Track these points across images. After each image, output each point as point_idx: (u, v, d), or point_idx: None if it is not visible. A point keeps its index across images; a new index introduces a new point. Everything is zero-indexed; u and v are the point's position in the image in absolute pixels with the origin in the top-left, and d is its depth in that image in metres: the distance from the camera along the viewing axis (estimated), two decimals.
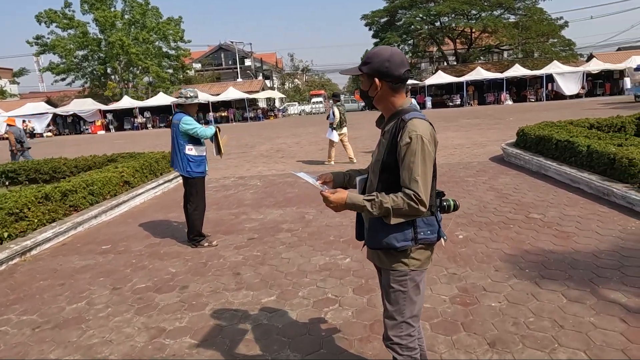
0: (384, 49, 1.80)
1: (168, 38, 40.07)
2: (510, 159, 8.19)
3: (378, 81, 1.79)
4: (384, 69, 1.77)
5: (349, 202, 1.74)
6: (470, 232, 4.49)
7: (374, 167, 1.86)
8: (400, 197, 1.68)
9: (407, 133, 1.70)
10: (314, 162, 10.50)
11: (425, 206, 1.67)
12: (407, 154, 1.68)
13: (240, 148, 15.08)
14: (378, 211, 1.70)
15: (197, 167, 4.65)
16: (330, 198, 1.75)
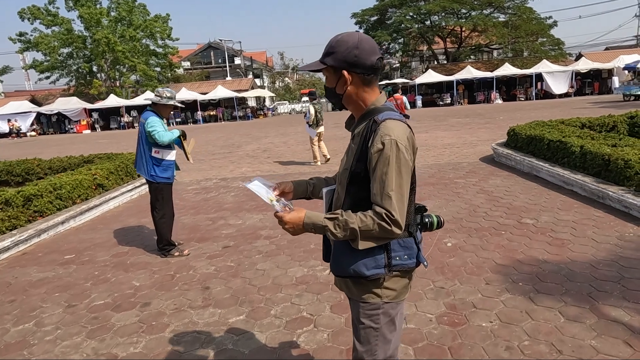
0: (349, 35, 1.49)
1: (155, 36, 39.39)
2: (501, 160, 7.95)
3: (347, 74, 1.47)
4: (353, 58, 1.46)
5: (308, 222, 1.42)
6: (459, 239, 4.21)
7: (341, 177, 1.55)
8: (369, 216, 1.37)
9: (379, 137, 1.39)
10: (300, 162, 10.17)
11: (400, 227, 1.37)
12: (378, 163, 1.38)
13: (227, 148, 14.70)
14: (343, 233, 1.39)
15: (163, 171, 4.25)
16: (285, 218, 1.44)
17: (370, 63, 1.49)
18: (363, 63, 1.47)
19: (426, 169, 8.01)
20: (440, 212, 5.18)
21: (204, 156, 12.84)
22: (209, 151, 14.06)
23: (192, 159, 4.72)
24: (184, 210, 6.27)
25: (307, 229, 1.43)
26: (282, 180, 1.74)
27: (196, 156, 12.86)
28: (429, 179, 7.13)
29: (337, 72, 1.49)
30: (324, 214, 1.43)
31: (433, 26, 39.03)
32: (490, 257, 3.70)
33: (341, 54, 1.46)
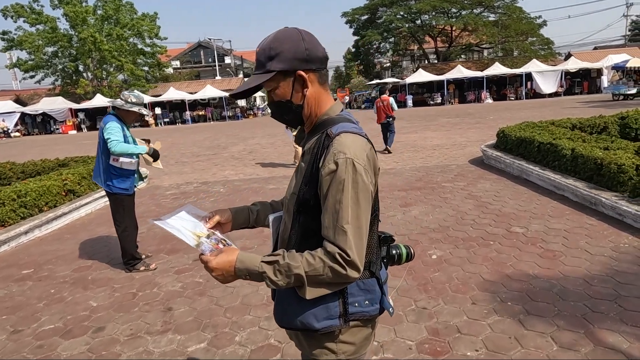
0: (285, 30, 1.20)
1: (143, 34, 38.75)
2: (490, 162, 7.73)
3: (304, 73, 1.18)
4: (304, 52, 1.17)
5: (240, 268, 1.13)
6: (445, 250, 3.95)
7: (289, 203, 1.25)
8: (319, 257, 1.08)
9: (331, 156, 1.10)
10: (285, 164, 9.87)
11: (357, 270, 1.08)
12: (331, 189, 1.09)
13: (212, 149, 14.34)
14: (285, 280, 1.10)
15: (121, 182, 3.86)
16: (211, 264, 1.15)
17: (322, 54, 1.22)
18: (316, 55, 1.20)
19: (414, 172, 7.76)
20: (426, 218, 4.92)
21: (188, 158, 12.48)
22: (194, 153, 13.70)
23: (161, 165, 4.37)
24: None
25: (239, 275, 1.14)
26: (219, 208, 1.44)
27: (180, 158, 12.51)
28: (416, 182, 6.88)
29: (289, 77, 1.19)
30: (261, 257, 1.13)
31: (423, 25, 38.91)
32: (477, 272, 3.44)
33: (289, 52, 1.17)
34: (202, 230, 1.28)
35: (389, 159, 9.51)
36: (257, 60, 1.21)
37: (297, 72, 1.18)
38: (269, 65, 1.18)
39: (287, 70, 1.18)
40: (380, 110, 10.48)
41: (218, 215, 1.38)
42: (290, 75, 1.19)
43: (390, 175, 7.65)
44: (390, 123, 10.58)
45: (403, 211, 5.30)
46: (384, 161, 9.21)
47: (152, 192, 7.81)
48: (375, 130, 16.77)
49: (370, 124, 20.05)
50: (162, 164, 4.46)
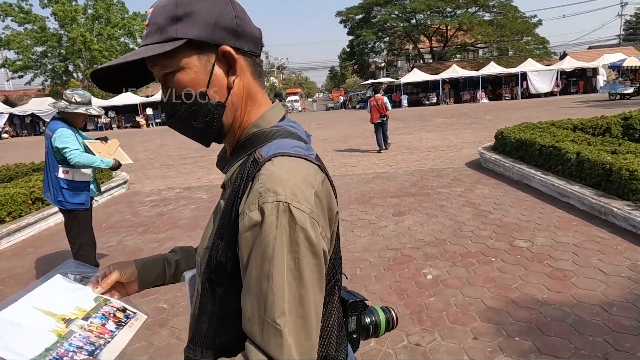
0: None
1: (134, 34, 38.15)
2: (489, 165, 7.33)
3: (233, 52, 0.74)
4: (234, 22, 0.74)
5: None
6: (441, 268, 3.53)
7: (201, 262, 0.81)
8: None
9: (255, 196, 0.66)
10: None
11: None
12: (253, 255, 0.65)
13: (201, 151, 13.86)
14: None
15: (74, 196, 3.37)
16: None
17: (258, 34, 0.80)
18: (250, 31, 0.78)
19: (408, 176, 7.34)
20: (421, 230, 4.50)
21: (174, 161, 12.01)
22: (181, 155, 13.22)
23: (128, 159, 3.90)
24: (131, 229, 5.48)
25: None
26: (119, 261, 1.00)
27: (166, 161, 12.03)
28: (410, 187, 6.46)
29: (205, 53, 0.74)
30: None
31: (418, 25, 38.60)
32: (479, 296, 3.02)
33: (209, 14, 0.72)
34: (88, 300, 0.85)
35: (382, 161, 9.10)
36: (152, 23, 0.74)
37: (222, 47, 0.73)
38: (171, 30, 0.71)
39: (204, 43, 0.72)
40: (374, 109, 10.34)
41: (116, 272, 0.93)
42: (209, 51, 0.73)
43: (383, 179, 7.23)
44: (384, 122, 10.48)
45: (396, 221, 4.87)
46: (376, 164, 8.80)
47: (130, 199, 7.34)
48: (369, 131, 16.39)
49: (365, 125, 19.65)
50: (130, 159, 4.00)
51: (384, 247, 4.08)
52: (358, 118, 24.82)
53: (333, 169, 8.62)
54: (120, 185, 7.97)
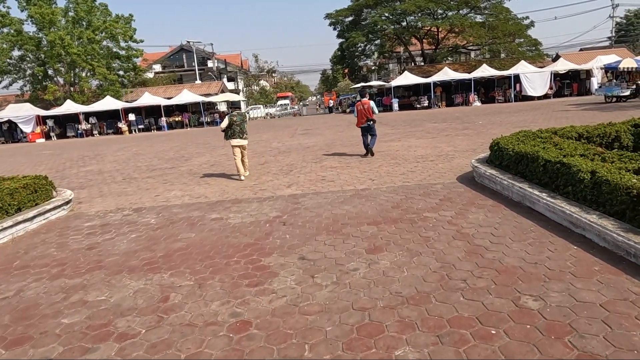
0: None
1: (117, 37, 36.94)
2: (483, 182, 6.36)
3: None
4: None
5: None
6: (422, 348, 2.52)
7: None
8: None
9: None
10: (244, 183, 8.38)
11: None
12: None
13: (173, 161, 12.80)
14: None
15: None
16: None
17: None
18: None
19: (390, 194, 6.35)
20: (399, 276, 3.50)
21: (140, 173, 10.93)
22: (150, 166, 12.13)
23: None
24: (44, 270, 4.41)
25: None
26: None
27: (131, 174, 10.95)
28: (392, 210, 5.46)
29: None
30: None
31: (409, 27, 37.82)
32: None
33: None
34: None
35: (365, 175, 8.11)
36: None
37: None
38: None
39: None
40: (361, 113, 10.12)
41: None
42: None
43: (362, 199, 6.23)
44: (371, 126, 10.24)
45: (369, 261, 3.87)
46: (357, 178, 7.80)
47: (66, 225, 6.27)
48: (355, 137, 15.41)
49: (356, 130, 18.69)
50: None
51: (348, 306, 3.07)
52: (347, 123, 23.85)
53: (309, 185, 7.61)
54: (59, 207, 6.88)
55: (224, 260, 4.22)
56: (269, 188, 7.66)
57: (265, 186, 7.86)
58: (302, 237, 4.72)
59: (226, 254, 4.41)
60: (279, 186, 7.74)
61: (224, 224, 5.56)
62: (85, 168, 13.05)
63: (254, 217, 5.76)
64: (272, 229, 5.14)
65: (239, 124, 8.58)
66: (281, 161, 10.93)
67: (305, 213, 5.74)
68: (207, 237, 5.07)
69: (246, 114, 9.28)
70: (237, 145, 8.66)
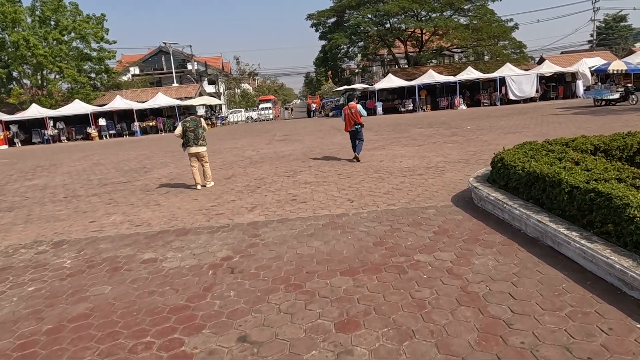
0: None
1: (87, 38, 35.02)
2: (486, 206, 5.18)
3: None
4: None
5: None
6: None
7: None
8: None
9: None
10: (197, 201, 7.04)
11: None
12: None
13: (130, 174, 11.35)
14: None
15: None
16: None
17: None
18: None
19: (373, 222, 5.12)
20: None
21: (87, 190, 9.47)
22: (102, 180, 10.67)
23: None
24: None
25: None
26: None
27: (76, 191, 9.48)
28: (373, 250, 4.22)
29: None
30: None
31: (392, 29, 36.93)
32: None
33: None
34: None
35: (343, 193, 6.87)
36: None
37: None
38: None
39: None
40: (348, 117, 9.91)
41: None
42: None
43: (336, 230, 4.98)
44: (359, 130, 9.98)
45: (338, 350, 2.61)
46: (334, 198, 6.56)
47: None
48: (337, 144, 14.22)
49: (337, 135, 17.48)
50: None
51: None
52: (328, 127, 22.67)
53: (276, 207, 6.34)
54: None
55: (129, 343, 2.91)
56: (228, 212, 6.35)
57: (224, 209, 6.55)
58: (250, 297, 3.44)
59: (138, 328, 3.10)
60: (240, 209, 6.44)
61: (155, 270, 4.24)
62: (31, 182, 11.51)
63: (196, 259, 4.46)
64: (214, 281, 3.85)
65: (192, 130, 7.94)
66: (250, 174, 9.63)
67: (263, 252, 4.46)
68: (124, 293, 3.74)
69: (201, 119, 8.38)
70: (193, 153, 8.13)
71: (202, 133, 8.03)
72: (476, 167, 8.14)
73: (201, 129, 8.04)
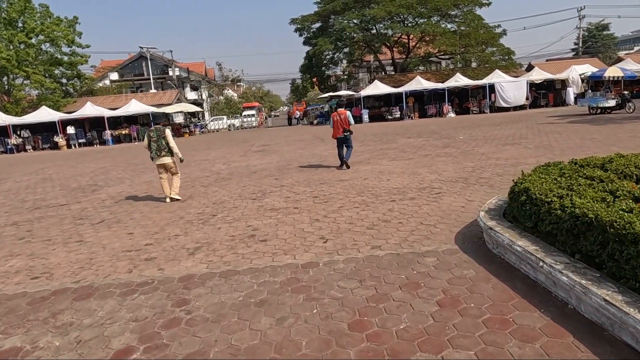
0: None
1: (57, 41, 33.06)
2: (508, 257, 3.74)
3: None
4: None
5: None
6: None
7: None
8: None
9: None
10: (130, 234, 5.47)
11: None
12: None
13: (74, 194, 9.69)
14: None
15: None
16: None
17: None
18: None
19: (351, 281, 3.62)
20: None
21: (8, 217, 7.79)
22: (38, 202, 9.00)
23: None
24: None
25: None
26: None
27: (0, 216, 7.80)
28: (346, 341, 2.73)
29: None
30: None
31: (379, 34, 35.83)
32: None
33: None
34: None
35: (315, 228, 5.39)
36: None
37: None
38: None
39: None
40: (337, 124, 9.76)
41: None
42: None
43: (298, 295, 3.47)
44: (348, 137, 9.82)
45: None
46: (303, 235, 5.06)
47: None
48: (318, 156, 12.79)
49: (320, 146, 16.03)
50: None
51: None
52: (312, 137, 21.24)
53: (226, 249, 4.82)
54: None
55: None
56: (162, 255, 4.80)
57: (160, 250, 5.00)
58: None
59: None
60: (180, 251, 4.90)
61: None
62: None
63: (77, 353, 2.91)
64: None
65: (155, 141, 7.61)
66: (211, 196, 8.09)
67: (183, 341, 2.94)
68: None
69: (165, 129, 7.75)
70: (159, 165, 7.78)
71: (165, 144, 7.61)
72: (478, 188, 6.76)
73: (164, 140, 7.61)
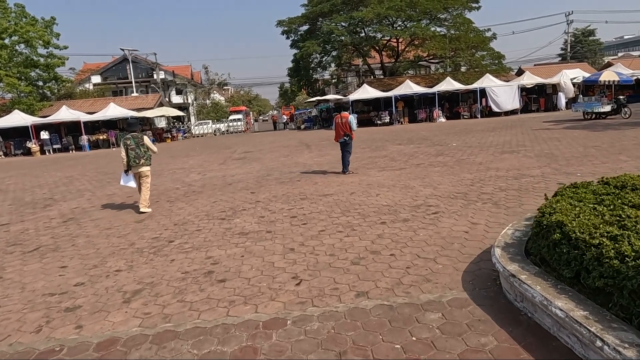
0: None
1: (32, 42, 31.58)
2: (541, 319, 2.78)
3: None
4: None
5: None
6: None
7: None
8: None
9: None
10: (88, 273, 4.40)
11: None
12: None
13: (20, 211, 8.53)
14: None
15: None
16: None
17: None
18: None
19: (326, 355, 2.62)
20: None
21: None
22: None
23: None
24: None
25: None
26: None
27: None
28: None
29: None
30: None
31: (368, 37, 35.08)
32: None
33: None
34: None
35: (288, 261, 4.38)
36: None
37: None
38: None
39: None
40: (339, 127, 9.49)
41: None
42: None
43: None
44: (347, 142, 9.51)
45: None
46: (273, 273, 4.04)
47: None
48: (302, 165, 11.81)
49: (304, 153, 15.04)
50: None
51: None
52: (298, 142, 20.24)
53: (171, 296, 3.78)
54: None
55: None
56: (89, 304, 3.74)
57: (88, 295, 3.93)
58: None
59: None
60: (113, 297, 3.84)
61: None
62: None
63: None
64: None
65: (132, 148, 7.29)
66: (174, 214, 7.03)
67: None
68: None
69: (144, 136, 7.51)
70: (135, 173, 7.46)
71: (144, 152, 7.33)
72: (481, 207, 5.83)
73: (143, 147, 7.32)
